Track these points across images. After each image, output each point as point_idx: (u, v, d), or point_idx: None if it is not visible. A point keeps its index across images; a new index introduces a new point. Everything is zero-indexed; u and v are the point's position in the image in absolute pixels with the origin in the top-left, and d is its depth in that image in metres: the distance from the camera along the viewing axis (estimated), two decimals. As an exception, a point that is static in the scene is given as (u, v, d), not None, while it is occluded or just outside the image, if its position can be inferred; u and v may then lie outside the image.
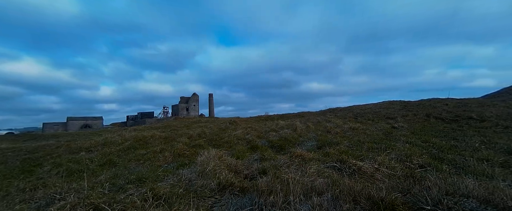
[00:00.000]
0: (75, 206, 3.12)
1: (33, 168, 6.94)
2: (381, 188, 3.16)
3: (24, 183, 5.07)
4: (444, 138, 7.31)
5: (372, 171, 4.39)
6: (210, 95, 60.83)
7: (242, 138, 9.78)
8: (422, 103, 14.37)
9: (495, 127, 8.30)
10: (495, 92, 21.10)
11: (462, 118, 10.10)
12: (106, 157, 7.40)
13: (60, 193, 3.74)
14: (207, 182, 3.92)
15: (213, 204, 3.40)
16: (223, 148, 8.10)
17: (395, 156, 5.31)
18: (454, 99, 15.00)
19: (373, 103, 17.79)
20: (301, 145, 7.72)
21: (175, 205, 3.11)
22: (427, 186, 2.98)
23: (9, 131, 32.35)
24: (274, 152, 6.81)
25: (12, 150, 10.76)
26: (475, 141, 6.42)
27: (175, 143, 9.24)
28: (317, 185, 3.34)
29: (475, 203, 2.53)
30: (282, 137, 8.97)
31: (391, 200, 2.73)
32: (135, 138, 10.99)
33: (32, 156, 8.82)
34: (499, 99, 14.58)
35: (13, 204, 3.78)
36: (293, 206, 2.80)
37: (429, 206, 2.57)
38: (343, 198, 2.90)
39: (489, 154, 5.25)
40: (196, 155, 6.76)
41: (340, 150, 6.19)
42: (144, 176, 4.66)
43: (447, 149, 5.94)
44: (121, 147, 9.09)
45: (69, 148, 9.94)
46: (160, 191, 3.56)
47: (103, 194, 3.63)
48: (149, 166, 6.00)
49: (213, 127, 15.69)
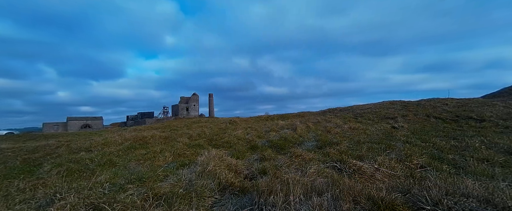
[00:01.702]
0: (75, 206, 3.12)
1: (33, 168, 6.94)
2: (381, 188, 3.16)
3: (24, 183, 5.07)
4: (444, 138, 7.31)
5: (372, 171, 4.39)
6: (210, 95, 60.79)
7: (242, 138, 9.78)
8: (422, 104, 14.37)
9: (495, 127, 8.30)
10: (495, 92, 21.09)
11: (462, 118, 10.10)
12: (106, 157, 7.39)
13: (60, 193, 3.74)
14: (207, 182, 3.92)
15: (213, 204, 3.41)
16: (223, 148, 8.10)
17: (395, 156, 5.32)
18: (454, 99, 15.00)
19: (373, 103, 17.78)
20: (301, 145, 7.72)
21: (175, 205, 3.12)
22: (427, 186, 2.98)
23: (9, 131, 32.34)
24: (274, 152, 6.81)
25: (12, 150, 10.75)
26: (475, 141, 6.42)
27: (175, 143, 9.24)
28: (317, 185, 3.34)
29: (475, 203, 2.53)
30: (282, 137, 8.97)
31: (391, 200, 2.73)
32: (135, 138, 10.99)
33: (32, 156, 8.81)
34: (499, 99, 14.58)
35: (13, 204, 3.78)
36: (293, 206, 2.80)
37: (429, 206, 2.57)
38: (343, 198, 2.90)
39: (489, 154, 5.25)
40: (196, 155, 6.76)
41: (340, 150, 6.19)
42: (144, 176, 4.66)
43: (447, 149, 5.94)
44: (121, 147, 9.08)
45: (69, 148, 9.93)
46: (160, 191, 3.56)
47: (103, 194, 3.63)
48: (149, 166, 6.00)
49: (213, 127, 15.69)
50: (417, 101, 15.98)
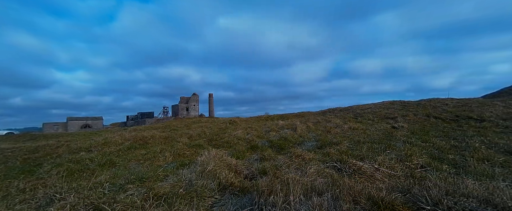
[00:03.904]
0: (75, 206, 3.12)
1: (33, 168, 6.94)
2: (381, 188, 3.16)
3: (24, 183, 5.07)
4: (444, 138, 7.30)
5: (372, 171, 4.39)
6: (210, 95, 60.78)
7: (242, 138, 9.78)
8: (422, 104, 14.37)
9: (495, 127, 8.30)
10: (495, 92, 21.09)
11: (462, 118, 10.09)
12: (106, 157, 7.39)
13: (60, 193, 3.74)
14: (207, 182, 3.92)
15: (213, 204, 3.41)
16: (223, 148, 8.10)
17: (395, 156, 5.32)
18: (454, 99, 15.00)
19: (373, 103, 17.78)
20: (301, 145, 7.72)
21: (175, 205, 3.12)
22: (427, 186, 2.98)
23: (9, 131, 32.33)
24: (274, 152, 6.81)
25: (12, 150, 10.75)
26: (475, 141, 6.41)
27: (175, 143, 9.24)
28: (317, 185, 3.34)
29: (475, 203, 2.53)
30: (282, 137, 8.97)
31: (391, 200, 2.73)
32: (135, 138, 10.98)
33: (32, 156, 8.82)
34: (499, 99, 14.58)
35: (13, 204, 3.78)
36: (293, 206, 2.80)
37: (429, 206, 2.57)
38: (343, 198, 2.90)
39: (489, 154, 5.25)
40: (196, 155, 6.77)
41: (340, 150, 6.19)
42: (144, 176, 4.66)
43: (447, 149, 5.94)
44: (121, 147, 9.09)
45: (69, 148, 9.93)
46: (160, 191, 3.56)
47: (103, 194, 3.63)
48: (149, 166, 6.00)
49: (213, 127, 15.69)
50: (417, 101, 15.98)
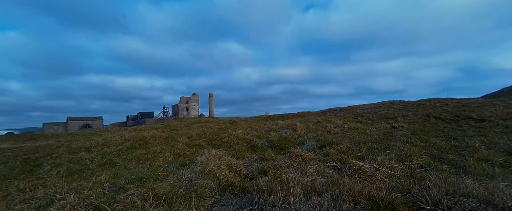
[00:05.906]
0: (75, 206, 3.12)
1: (33, 168, 6.95)
2: (381, 188, 3.16)
3: (24, 183, 5.08)
4: (444, 138, 7.30)
5: (372, 171, 4.39)
6: (210, 95, 60.78)
7: (242, 138, 9.79)
8: (422, 104, 14.36)
9: (495, 127, 8.30)
10: (495, 92, 21.09)
11: (462, 118, 10.09)
12: (106, 157, 7.40)
13: (60, 193, 3.74)
14: (207, 182, 3.92)
15: (213, 204, 3.41)
16: (223, 148, 8.10)
17: (395, 156, 5.31)
18: (454, 99, 14.99)
19: (373, 103, 17.77)
20: (301, 145, 7.72)
21: (175, 205, 3.12)
22: (427, 186, 2.98)
23: (9, 131, 32.32)
24: (274, 152, 6.81)
25: (12, 150, 10.75)
26: (475, 141, 6.41)
27: (175, 143, 9.24)
28: (317, 185, 3.34)
29: (475, 203, 2.53)
30: (282, 137, 8.97)
31: (391, 200, 2.73)
32: (135, 138, 10.99)
33: (32, 156, 8.82)
34: (499, 99, 14.57)
35: (14, 204, 3.79)
36: (293, 206, 2.80)
37: (429, 206, 2.57)
38: (343, 198, 2.90)
39: (489, 154, 5.25)
40: (196, 155, 6.77)
41: (340, 150, 6.19)
42: (144, 176, 4.67)
43: (447, 149, 5.94)
44: (121, 147, 9.09)
45: (69, 148, 9.94)
46: (160, 191, 3.56)
47: (103, 194, 3.63)
48: (149, 166, 6.00)
49: (213, 127, 15.69)
50: (417, 101, 15.97)
